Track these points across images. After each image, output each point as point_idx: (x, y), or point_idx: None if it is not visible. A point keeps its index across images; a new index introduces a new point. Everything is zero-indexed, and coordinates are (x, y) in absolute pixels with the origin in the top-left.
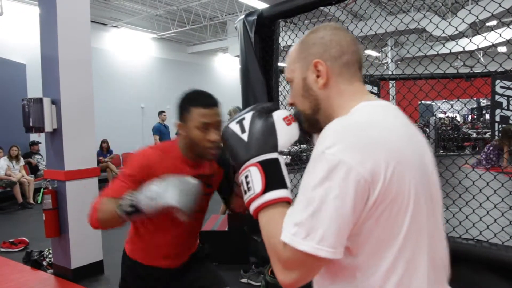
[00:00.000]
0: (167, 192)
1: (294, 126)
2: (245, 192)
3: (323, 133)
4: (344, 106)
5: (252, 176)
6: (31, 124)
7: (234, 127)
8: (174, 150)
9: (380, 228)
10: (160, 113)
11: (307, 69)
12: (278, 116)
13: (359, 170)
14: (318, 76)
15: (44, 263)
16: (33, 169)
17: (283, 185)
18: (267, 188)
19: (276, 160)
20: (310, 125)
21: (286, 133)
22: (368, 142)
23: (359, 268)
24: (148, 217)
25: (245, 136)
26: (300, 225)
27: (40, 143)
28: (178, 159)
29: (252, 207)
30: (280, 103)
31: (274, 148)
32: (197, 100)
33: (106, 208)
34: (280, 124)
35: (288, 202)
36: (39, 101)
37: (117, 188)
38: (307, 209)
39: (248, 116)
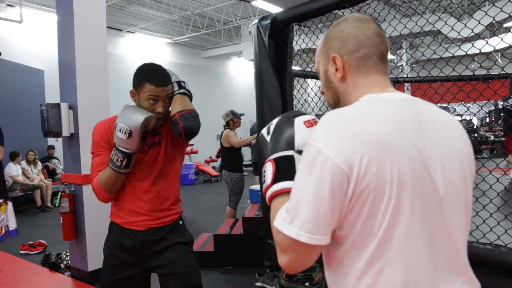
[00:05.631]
0: (130, 118)
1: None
2: (263, 183)
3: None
4: (358, 100)
5: (267, 170)
6: (49, 129)
7: (264, 131)
8: None
9: (362, 219)
10: None
11: (328, 62)
12: (299, 119)
13: (335, 160)
14: (336, 70)
15: (62, 265)
16: (50, 173)
17: (292, 178)
18: (275, 180)
19: (290, 157)
20: None
21: (304, 134)
22: (346, 134)
23: (343, 257)
24: (138, 154)
25: (268, 138)
26: (288, 211)
27: (54, 147)
28: None
29: (266, 197)
30: (294, 107)
31: (291, 147)
32: (151, 79)
33: (104, 176)
34: (299, 126)
35: None
36: (57, 106)
37: (99, 162)
38: (294, 197)
39: (275, 121)
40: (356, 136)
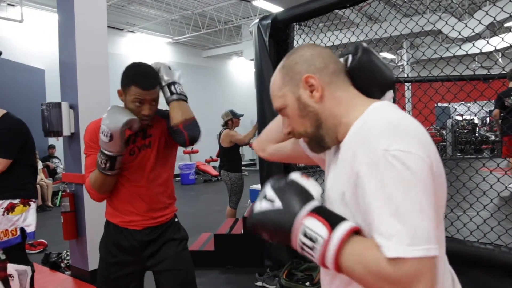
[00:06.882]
0: (111, 120)
1: (313, 181)
2: (313, 249)
3: (366, 135)
4: (348, 112)
5: (311, 227)
6: (49, 129)
7: (263, 206)
8: None
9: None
10: None
11: (298, 88)
12: (295, 175)
13: (426, 160)
14: (311, 91)
15: (62, 265)
16: (51, 172)
17: (344, 219)
18: (332, 225)
19: (322, 206)
20: (316, 144)
21: (312, 184)
22: (421, 135)
23: None
24: (123, 154)
25: (278, 205)
26: (398, 234)
27: (55, 146)
28: None
29: (330, 257)
30: None
31: (312, 198)
32: (138, 81)
33: (93, 177)
34: (301, 179)
35: (357, 233)
36: (58, 105)
37: (90, 162)
38: (398, 214)
39: (268, 190)
40: (426, 137)
